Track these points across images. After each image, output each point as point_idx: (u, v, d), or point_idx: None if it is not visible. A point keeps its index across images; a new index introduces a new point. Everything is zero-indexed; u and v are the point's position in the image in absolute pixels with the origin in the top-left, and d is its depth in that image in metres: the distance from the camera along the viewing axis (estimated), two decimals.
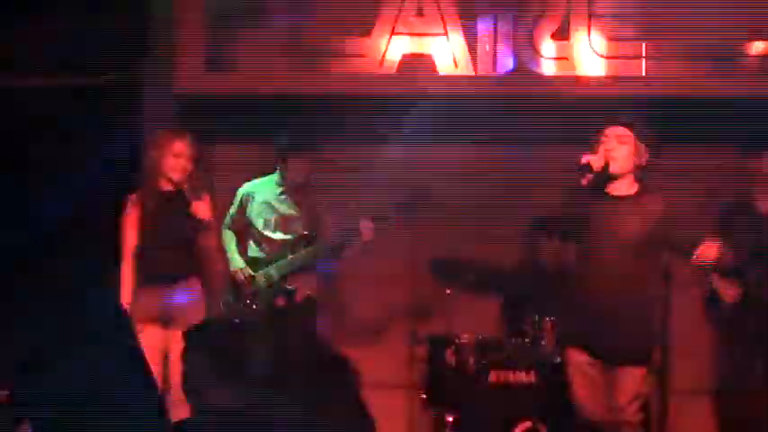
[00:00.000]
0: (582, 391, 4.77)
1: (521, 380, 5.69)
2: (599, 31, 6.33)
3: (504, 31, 6.32)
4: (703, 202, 5.14)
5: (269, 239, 5.86)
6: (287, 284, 5.80)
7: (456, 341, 5.90)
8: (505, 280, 6.32)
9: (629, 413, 4.70)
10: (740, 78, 6.24)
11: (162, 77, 6.39)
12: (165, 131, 5.66)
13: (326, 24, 6.38)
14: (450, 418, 5.73)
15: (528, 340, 5.85)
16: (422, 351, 6.21)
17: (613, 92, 6.21)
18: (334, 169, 6.49)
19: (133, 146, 6.33)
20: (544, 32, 6.32)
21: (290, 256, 5.80)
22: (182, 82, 6.39)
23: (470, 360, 5.87)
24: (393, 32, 6.38)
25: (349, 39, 6.42)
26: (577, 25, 6.31)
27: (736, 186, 5.83)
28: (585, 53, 6.32)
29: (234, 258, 5.88)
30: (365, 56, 6.39)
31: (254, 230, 5.88)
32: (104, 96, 6.45)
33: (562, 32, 6.31)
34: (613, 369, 4.71)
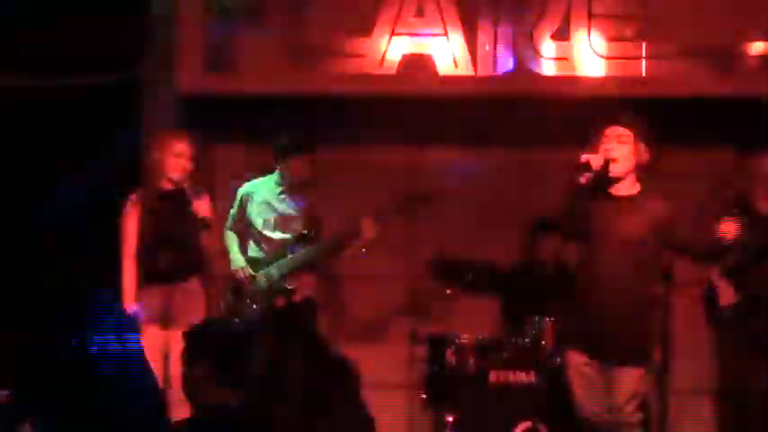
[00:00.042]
0: (581, 392, 4.77)
1: (521, 380, 5.69)
2: (599, 31, 6.33)
3: (504, 31, 6.32)
4: (703, 202, 5.13)
5: (269, 239, 5.85)
6: (287, 284, 5.79)
7: (456, 341, 5.90)
8: (506, 280, 6.31)
9: (627, 413, 4.70)
10: (740, 78, 6.24)
11: (162, 77, 6.39)
12: (165, 131, 5.66)
13: (326, 24, 6.38)
14: (450, 418, 5.72)
15: (528, 340, 5.86)
16: (422, 351, 6.21)
17: (613, 92, 6.21)
18: (334, 169, 6.50)
19: (133, 146, 6.33)
20: (544, 32, 6.33)
21: (290, 255, 5.79)
22: (182, 82, 6.39)
23: (470, 360, 5.87)
24: (393, 32, 6.38)
25: (349, 39, 6.42)
26: (577, 25, 6.31)
27: (736, 186, 5.83)
28: (585, 53, 6.32)
29: (235, 258, 5.88)
30: (365, 56, 6.39)
31: (254, 230, 5.88)
32: (104, 96, 6.45)
33: (562, 32, 6.31)
34: (612, 369, 4.71)
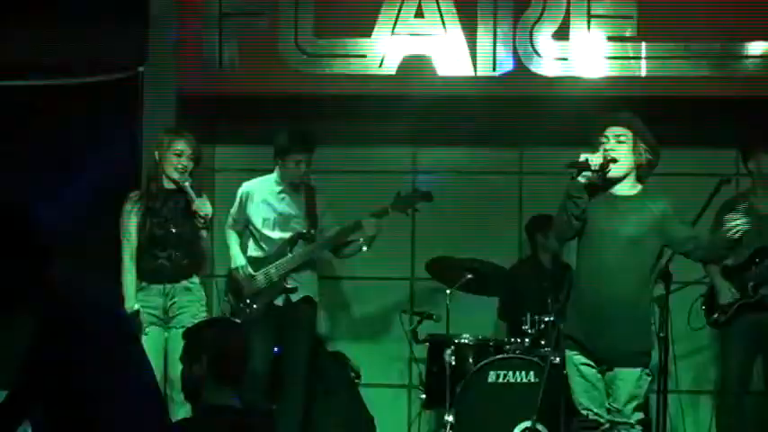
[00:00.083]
0: (581, 391, 4.76)
1: (521, 380, 5.68)
2: (599, 31, 6.32)
3: (504, 31, 6.31)
4: (703, 202, 5.12)
5: (268, 238, 5.85)
6: (287, 284, 5.79)
7: (456, 341, 5.90)
8: (505, 280, 6.30)
9: (627, 413, 4.70)
10: (740, 79, 6.24)
11: (162, 77, 6.39)
12: (165, 131, 5.66)
13: (327, 24, 6.38)
14: (451, 418, 5.71)
15: (528, 340, 5.85)
16: (422, 351, 6.20)
17: (613, 92, 6.21)
18: (334, 168, 6.50)
19: (133, 146, 6.33)
20: (544, 32, 6.32)
21: (290, 254, 5.79)
22: (182, 82, 6.39)
23: (470, 360, 5.87)
24: (393, 33, 6.38)
25: (349, 39, 6.42)
26: (577, 25, 6.31)
27: (736, 186, 5.83)
28: (585, 53, 6.32)
29: (235, 257, 5.88)
30: (365, 56, 6.39)
31: (254, 229, 5.88)
32: (104, 96, 6.45)
33: (562, 32, 6.31)
34: (612, 369, 4.70)
